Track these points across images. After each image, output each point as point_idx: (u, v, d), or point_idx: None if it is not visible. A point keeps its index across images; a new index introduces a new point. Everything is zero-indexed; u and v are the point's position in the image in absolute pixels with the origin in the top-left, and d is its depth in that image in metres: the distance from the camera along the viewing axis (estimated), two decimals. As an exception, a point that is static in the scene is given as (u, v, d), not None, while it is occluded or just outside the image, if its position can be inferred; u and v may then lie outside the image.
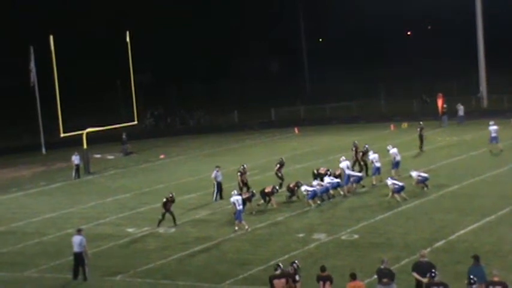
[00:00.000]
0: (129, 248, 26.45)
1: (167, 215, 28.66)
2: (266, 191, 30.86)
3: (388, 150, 35.23)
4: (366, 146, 36.77)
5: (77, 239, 23.00)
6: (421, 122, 43.86)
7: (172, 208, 28.86)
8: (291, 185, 31.60)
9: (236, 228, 27.24)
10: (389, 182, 30.18)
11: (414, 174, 31.50)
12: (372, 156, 34.11)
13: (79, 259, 22.82)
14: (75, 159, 43.94)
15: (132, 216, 31.61)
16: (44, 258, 25.69)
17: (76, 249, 22.87)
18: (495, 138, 39.88)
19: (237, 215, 27.35)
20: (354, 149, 36.56)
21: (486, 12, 63.83)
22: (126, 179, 42.64)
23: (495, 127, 40.14)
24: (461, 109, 55.49)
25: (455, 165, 37.75)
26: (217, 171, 33.44)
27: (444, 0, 78.68)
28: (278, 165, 34.72)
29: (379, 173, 33.64)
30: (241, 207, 27.50)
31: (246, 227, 27.22)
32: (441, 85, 65.46)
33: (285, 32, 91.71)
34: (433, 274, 16.38)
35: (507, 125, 49.74)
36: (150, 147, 56.62)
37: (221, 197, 33.10)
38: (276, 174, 34.56)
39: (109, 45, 69.15)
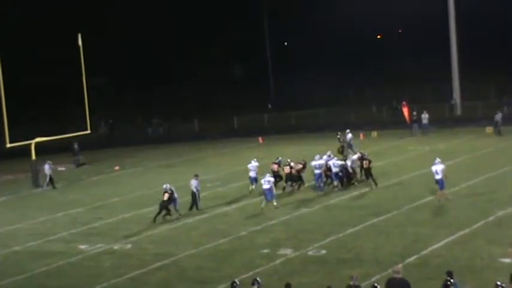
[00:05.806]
0: (82, 266, 26.08)
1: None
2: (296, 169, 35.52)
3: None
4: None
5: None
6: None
7: None
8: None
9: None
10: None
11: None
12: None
13: None
14: (47, 168, 43.71)
15: (85, 232, 31.26)
16: (-12, 278, 25.28)
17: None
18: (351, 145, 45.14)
19: None
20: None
21: (460, 16, 64.59)
22: (78, 192, 42.22)
23: (350, 135, 46.52)
24: (425, 117, 55.96)
25: (428, 175, 37.96)
26: (195, 179, 33.52)
27: (416, 4, 79.46)
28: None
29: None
30: None
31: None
32: (413, 92, 66.02)
33: (249, 36, 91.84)
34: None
35: (481, 133, 50.26)
36: (104, 158, 56.18)
37: (191, 208, 33.28)
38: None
39: (61, 49, 68.49)
